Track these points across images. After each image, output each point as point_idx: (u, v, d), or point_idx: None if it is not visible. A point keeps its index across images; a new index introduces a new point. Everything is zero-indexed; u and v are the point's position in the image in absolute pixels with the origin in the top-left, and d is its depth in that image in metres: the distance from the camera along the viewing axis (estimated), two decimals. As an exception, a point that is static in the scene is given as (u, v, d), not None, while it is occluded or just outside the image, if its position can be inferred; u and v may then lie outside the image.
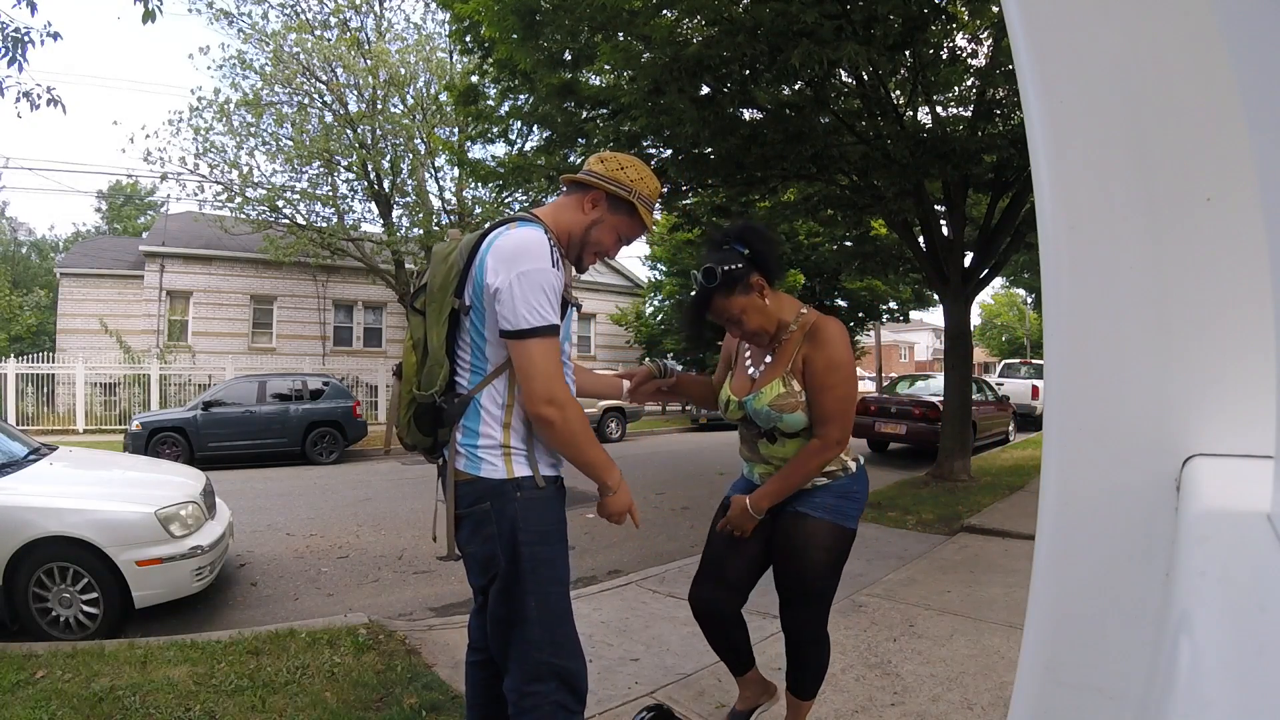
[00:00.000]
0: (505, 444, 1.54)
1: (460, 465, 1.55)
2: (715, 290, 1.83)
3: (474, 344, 1.56)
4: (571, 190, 1.70)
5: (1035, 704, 0.55)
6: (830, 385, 1.82)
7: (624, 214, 1.66)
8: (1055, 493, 0.56)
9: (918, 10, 5.28)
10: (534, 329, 1.43)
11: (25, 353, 17.19)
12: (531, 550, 1.52)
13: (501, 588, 1.54)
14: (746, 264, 1.83)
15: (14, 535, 3.36)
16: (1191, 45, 0.49)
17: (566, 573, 1.62)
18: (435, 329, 1.56)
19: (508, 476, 1.52)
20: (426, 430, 1.60)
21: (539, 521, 1.54)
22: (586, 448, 1.55)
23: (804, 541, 1.93)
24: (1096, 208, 0.53)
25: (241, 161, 14.86)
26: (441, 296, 1.56)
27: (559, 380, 1.47)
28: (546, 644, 1.53)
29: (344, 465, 10.71)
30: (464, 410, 1.55)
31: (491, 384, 1.54)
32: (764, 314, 1.88)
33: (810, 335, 1.87)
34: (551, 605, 1.55)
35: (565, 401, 1.48)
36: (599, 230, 1.65)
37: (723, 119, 6.31)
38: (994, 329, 36.71)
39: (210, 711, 2.45)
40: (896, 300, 19.41)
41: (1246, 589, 0.37)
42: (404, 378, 1.65)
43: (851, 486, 1.98)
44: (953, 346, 8.06)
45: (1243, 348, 0.50)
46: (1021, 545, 4.75)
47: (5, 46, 4.33)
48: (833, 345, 1.84)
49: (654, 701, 2.49)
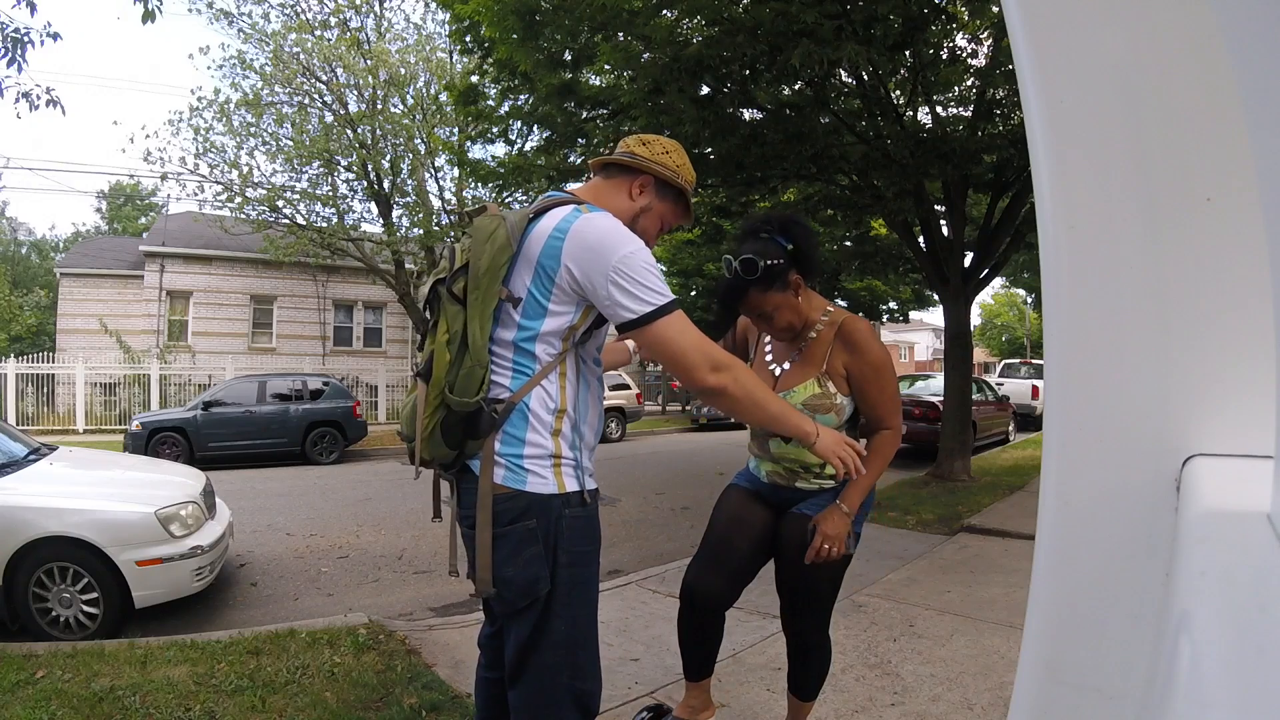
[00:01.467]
0: (557, 454, 1.39)
1: (499, 478, 1.35)
2: (753, 283, 1.77)
3: (520, 341, 1.37)
4: (610, 174, 1.55)
5: (1035, 704, 0.55)
6: (882, 383, 1.84)
7: (671, 200, 1.56)
8: (1055, 493, 0.56)
9: (918, 10, 5.28)
10: (659, 309, 1.31)
11: (25, 353, 17.19)
12: (569, 573, 1.40)
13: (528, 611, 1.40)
14: (788, 260, 1.79)
15: (14, 535, 3.36)
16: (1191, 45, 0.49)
17: (597, 593, 1.50)
18: (478, 320, 1.33)
19: (558, 491, 1.37)
20: (454, 443, 1.37)
21: (580, 542, 1.42)
22: (768, 403, 1.45)
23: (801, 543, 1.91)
24: (1096, 208, 0.53)
25: (241, 161, 14.86)
26: (490, 283, 1.33)
27: (712, 345, 1.36)
28: (567, 667, 1.41)
29: (344, 465, 10.72)
30: (505, 416, 1.35)
31: (541, 385, 1.37)
32: (796, 313, 1.85)
33: (845, 339, 1.85)
34: (580, 628, 1.43)
35: (729, 363, 1.36)
36: (647, 218, 1.53)
37: (723, 119, 6.31)
38: (994, 329, 36.72)
39: (210, 711, 2.45)
40: (896, 300, 19.42)
41: (1246, 589, 0.37)
42: (433, 380, 1.36)
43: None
44: (953, 346, 8.06)
45: (1243, 348, 0.50)
46: (1021, 545, 4.75)
47: (5, 47, 4.33)
48: (872, 348, 1.84)
49: (654, 702, 2.49)
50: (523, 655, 1.42)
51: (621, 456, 11.20)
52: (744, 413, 1.44)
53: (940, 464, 7.81)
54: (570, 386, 1.41)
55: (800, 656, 2.06)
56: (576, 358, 1.43)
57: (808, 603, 1.97)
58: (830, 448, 1.52)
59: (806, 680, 2.08)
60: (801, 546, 1.89)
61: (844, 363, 1.85)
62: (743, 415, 1.46)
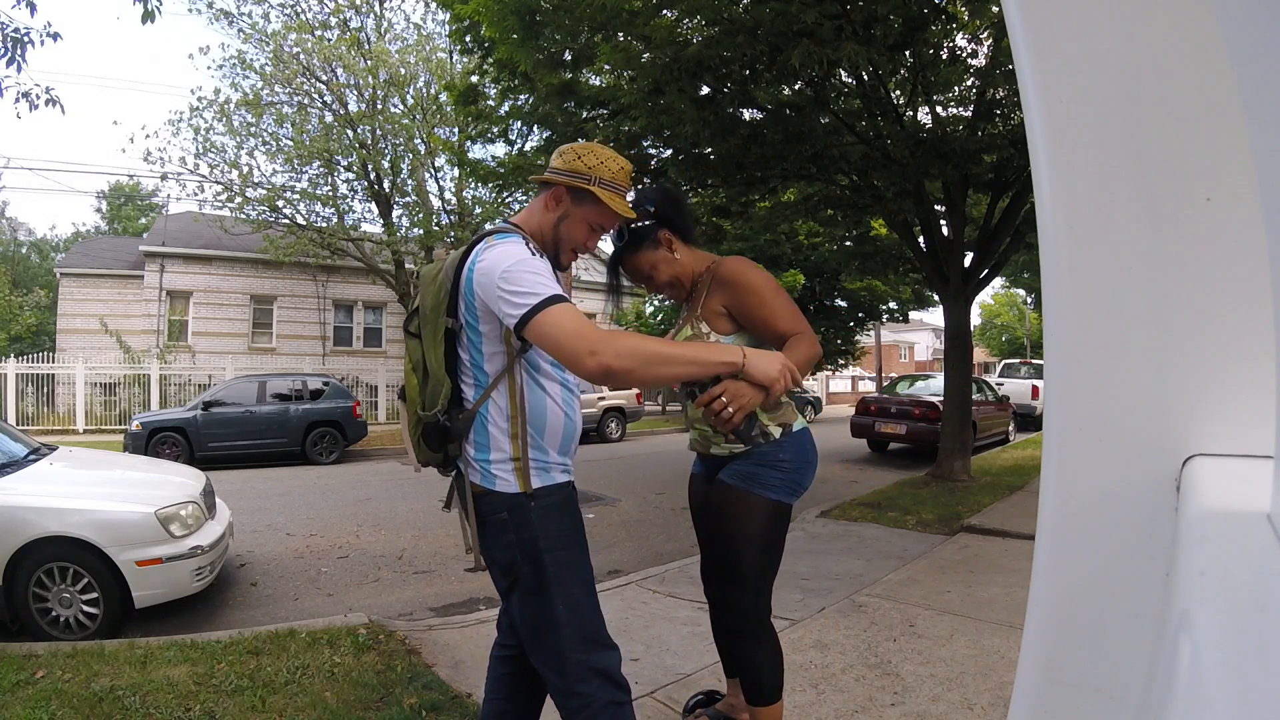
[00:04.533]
0: (515, 456, 1.53)
1: (475, 479, 1.56)
2: (624, 249, 1.88)
3: (472, 360, 1.56)
4: (540, 190, 1.67)
5: (1035, 704, 0.55)
6: (771, 304, 1.79)
7: (589, 203, 1.60)
8: (1055, 493, 0.56)
9: (918, 10, 5.28)
10: (535, 306, 1.37)
11: (25, 353, 17.19)
12: (554, 556, 1.53)
13: (528, 596, 1.55)
14: (654, 220, 1.88)
15: (14, 535, 3.36)
16: (1191, 45, 0.49)
17: (590, 570, 1.62)
18: (432, 350, 1.58)
19: (521, 491, 1.53)
20: (436, 447, 1.60)
21: (558, 526, 1.55)
22: (674, 354, 1.45)
23: (721, 513, 1.86)
24: (1096, 208, 0.53)
25: (241, 161, 14.88)
26: (435, 318, 1.57)
27: (591, 329, 1.38)
28: (580, 644, 1.53)
29: (344, 465, 10.71)
30: (470, 425, 1.55)
31: (492, 396, 1.54)
32: (674, 265, 1.91)
33: (717, 278, 1.87)
34: (579, 605, 1.55)
35: (603, 340, 1.37)
36: (568, 225, 1.61)
37: (723, 119, 6.31)
38: (994, 329, 36.71)
39: (210, 711, 2.45)
40: (896, 300, 19.41)
41: (1246, 589, 0.37)
42: (408, 399, 1.65)
43: (777, 454, 1.83)
44: (953, 346, 8.06)
45: (1243, 348, 0.50)
46: (1021, 545, 4.76)
47: (5, 47, 4.33)
48: (746, 276, 1.83)
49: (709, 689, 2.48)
50: (538, 640, 1.56)
51: (621, 456, 11.20)
52: (653, 377, 1.42)
53: (940, 464, 7.81)
54: (520, 395, 1.54)
55: (737, 655, 1.94)
56: (525, 367, 1.55)
57: (727, 579, 1.87)
58: (761, 370, 1.50)
59: (753, 683, 1.90)
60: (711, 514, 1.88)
61: (721, 301, 1.85)
62: (655, 380, 1.45)
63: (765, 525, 1.83)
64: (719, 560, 1.91)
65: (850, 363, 22.02)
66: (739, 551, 1.84)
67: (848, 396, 28.30)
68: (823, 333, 18.99)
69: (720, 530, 1.88)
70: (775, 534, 1.87)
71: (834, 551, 4.79)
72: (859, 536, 5.25)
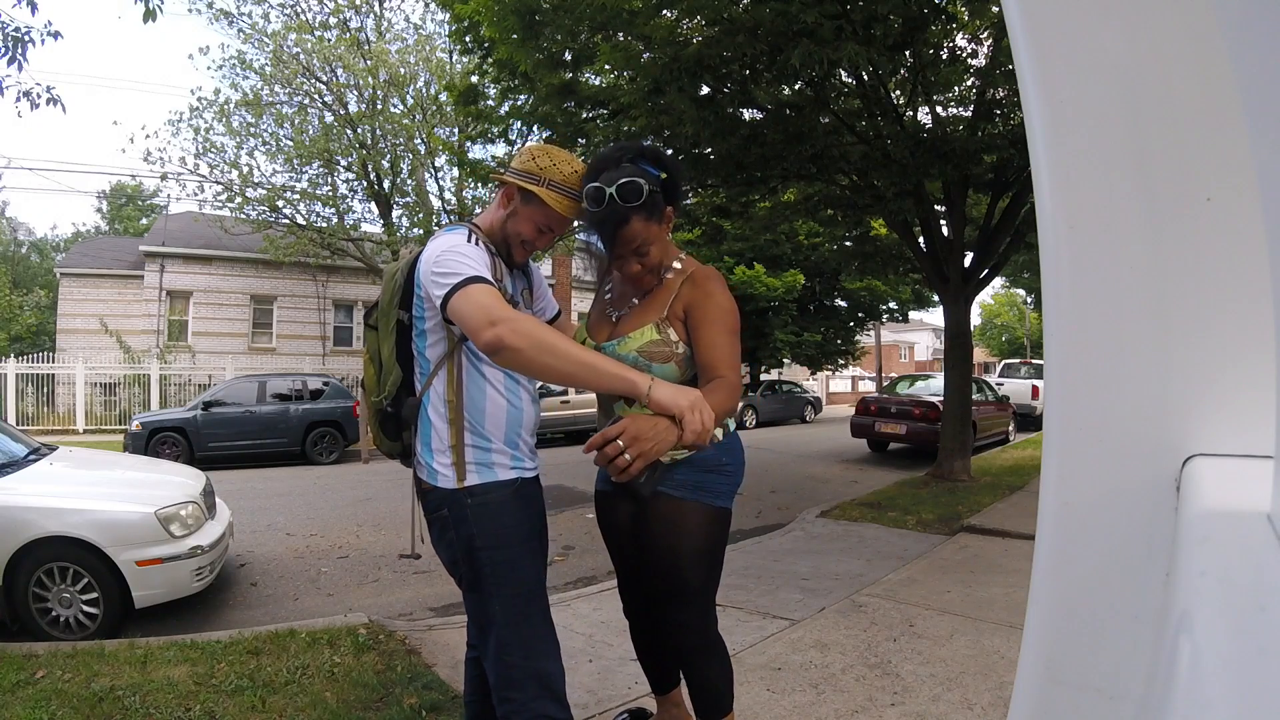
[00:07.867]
0: (454, 444, 1.56)
1: (422, 474, 1.62)
2: (636, 209, 1.53)
3: (418, 349, 1.63)
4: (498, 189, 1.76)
5: (1035, 704, 0.55)
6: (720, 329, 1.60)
7: (535, 204, 1.61)
8: (1055, 493, 0.56)
9: (918, 10, 5.28)
10: (460, 282, 1.41)
11: (25, 353, 17.19)
12: (489, 555, 1.55)
13: (471, 594, 1.60)
14: (662, 189, 1.59)
15: (14, 535, 3.36)
16: (1191, 45, 0.49)
17: (533, 573, 1.60)
18: (385, 341, 1.66)
19: (457, 486, 1.56)
20: (392, 436, 1.67)
21: (494, 526, 1.56)
22: (571, 354, 1.35)
23: (668, 528, 1.70)
24: (1096, 208, 0.53)
25: (241, 161, 14.89)
26: (389, 310, 1.65)
27: (499, 304, 1.37)
28: (517, 646, 1.55)
29: (344, 465, 10.71)
30: (416, 411, 1.61)
31: (433, 384, 1.59)
32: (664, 251, 1.69)
33: (693, 280, 1.67)
34: (517, 608, 1.56)
35: (507, 315, 1.34)
36: (515, 222, 1.66)
37: (723, 119, 6.31)
38: (994, 329, 36.71)
39: (210, 711, 2.45)
40: (896, 300, 19.43)
41: (1246, 589, 0.37)
42: (367, 389, 1.75)
43: (719, 459, 1.72)
44: (953, 346, 8.06)
45: (1243, 348, 0.50)
46: (1021, 545, 4.75)
47: (5, 46, 4.33)
48: (718, 294, 1.65)
49: (636, 707, 2.46)
50: (482, 638, 1.60)
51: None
52: (539, 367, 1.35)
53: (940, 464, 7.82)
54: (458, 382, 1.57)
55: (688, 670, 1.83)
56: (467, 355, 1.58)
57: (679, 597, 1.74)
58: (669, 398, 1.33)
59: (703, 697, 1.80)
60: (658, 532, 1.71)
61: (685, 302, 1.65)
62: (540, 371, 1.37)
63: (715, 536, 1.74)
64: (661, 579, 1.75)
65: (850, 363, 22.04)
66: (689, 567, 1.71)
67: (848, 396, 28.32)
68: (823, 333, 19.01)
69: (664, 546, 1.71)
70: (722, 543, 1.78)
71: (834, 551, 4.79)
72: (859, 536, 5.25)
